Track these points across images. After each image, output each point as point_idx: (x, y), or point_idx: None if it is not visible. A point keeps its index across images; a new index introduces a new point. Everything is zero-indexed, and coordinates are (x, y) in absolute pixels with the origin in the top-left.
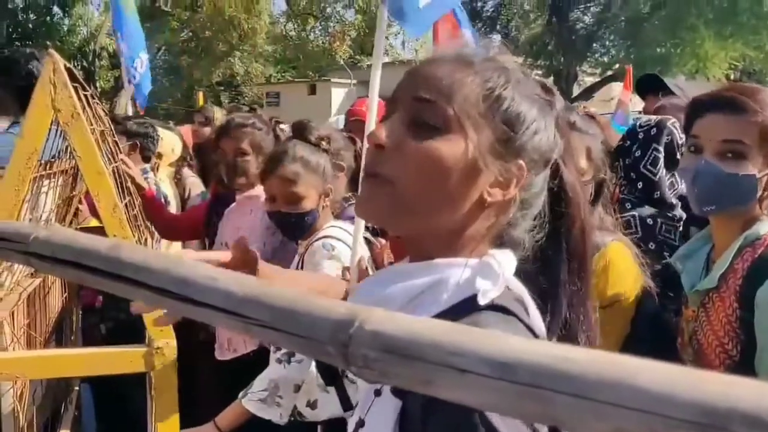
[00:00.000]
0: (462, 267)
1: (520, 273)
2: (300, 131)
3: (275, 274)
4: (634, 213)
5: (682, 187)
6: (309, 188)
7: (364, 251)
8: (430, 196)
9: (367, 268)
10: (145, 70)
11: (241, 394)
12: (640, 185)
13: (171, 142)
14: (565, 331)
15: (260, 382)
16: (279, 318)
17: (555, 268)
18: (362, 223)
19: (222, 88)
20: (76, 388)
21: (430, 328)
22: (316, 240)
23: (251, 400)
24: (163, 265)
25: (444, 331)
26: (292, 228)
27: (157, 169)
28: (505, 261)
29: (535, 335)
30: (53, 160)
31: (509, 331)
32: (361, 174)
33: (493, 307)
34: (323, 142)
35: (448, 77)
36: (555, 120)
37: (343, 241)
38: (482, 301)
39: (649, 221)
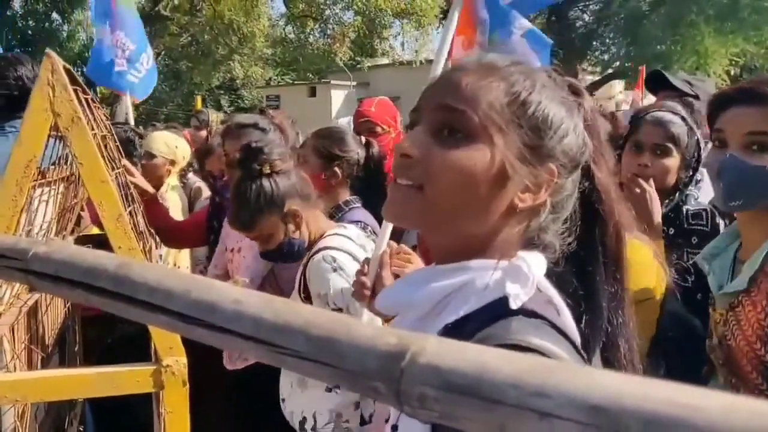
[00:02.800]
0: (492, 269)
1: (551, 275)
2: (245, 161)
3: None
4: (705, 207)
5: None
6: (268, 225)
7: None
8: (458, 204)
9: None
10: (151, 66)
11: (309, 429)
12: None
13: (184, 149)
14: (605, 338)
15: (321, 417)
16: (316, 348)
17: (591, 271)
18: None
19: (222, 91)
20: (80, 401)
21: (503, 362)
22: (315, 252)
23: None
24: (181, 287)
25: (523, 366)
26: (282, 259)
27: (169, 175)
28: (535, 263)
29: (568, 339)
30: (53, 167)
31: (541, 336)
32: (391, 180)
33: (523, 311)
34: (266, 167)
35: (473, 84)
36: (584, 120)
37: (342, 250)
38: (513, 305)
39: (718, 220)
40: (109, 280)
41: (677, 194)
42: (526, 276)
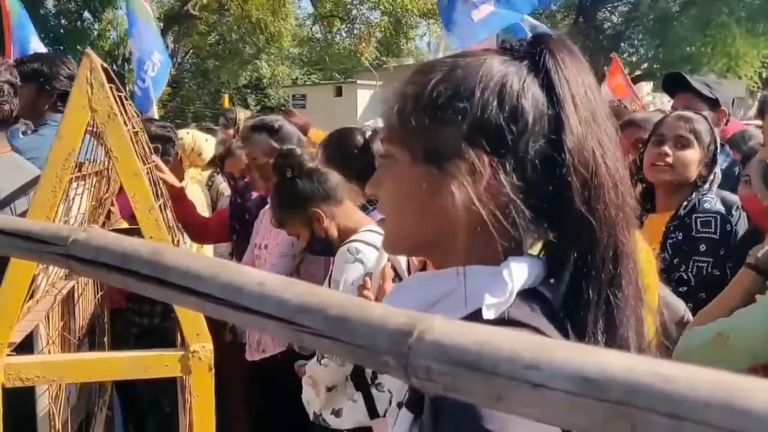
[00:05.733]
0: (473, 276)
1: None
2: (275, 165)
3: None
4: (715, 215)
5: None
6: (296, 226)
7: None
8: (401, 224)
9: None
10: (156, 74)
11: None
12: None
13: (191, 143)
14: (605, 317)
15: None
16: (333, 326)
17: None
18: None
19: (249, 90)
20: (109, 389)
21: (501, 339)
22: (344, 244)
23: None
24: (210, 271)
25: (518, 342)
26: (313, 253)
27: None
28: (521, 269)
29: None
30: (86, 161)
31: None
32: None
33: (509, 321)
34: (288, 171)
35: (385, 109)
36: (525, 77)
37: (372, 245)
38: (486, 315)
39: (728, 227)
40: (143, 265)
41: (694, 194)
42: (504, 282)
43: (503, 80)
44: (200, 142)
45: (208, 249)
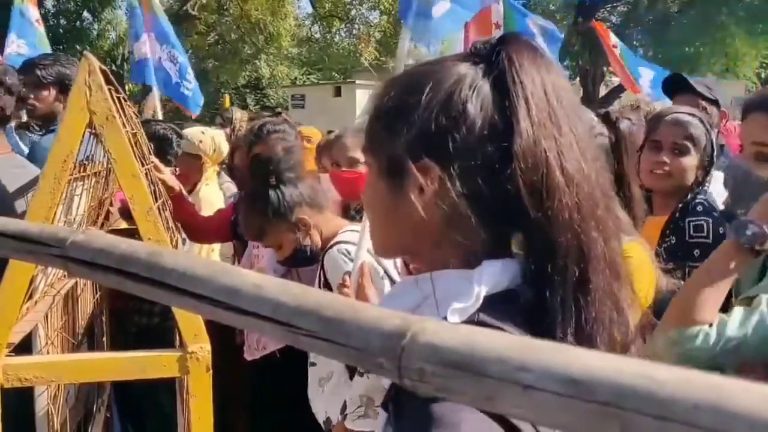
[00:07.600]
0: (446, 280)
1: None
2: (253, 172)
3: None
4: (706, 218)
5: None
6: (278, 234)
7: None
8: (381, 229)
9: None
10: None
11: (340, 417)
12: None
13: (210, 143)
14: (573, 317)
15: (352, 402)
16: (329, 328)
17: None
18: (366, 228)
19: (248, 90)
20: (108, 389)
21: (492, 341)
22: (331, 247)
23: (354, 420)
24: (207, 273)
25: (508, 344)
26: (298, 264)
27: (202, 171)
28: (493, 271)
29: None
30: (85, 162)
31: None
32: None
33: (478, 324)
34: (272, 178)
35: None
36: (478, 81)
37: (355, 243)
38: (451, 320)
39: (721, 230)
40: (141, 267)
41: (689, 195)
42: (471, 287)
43: (453, 87)
44: (219, 139)
45: (216, 251)
